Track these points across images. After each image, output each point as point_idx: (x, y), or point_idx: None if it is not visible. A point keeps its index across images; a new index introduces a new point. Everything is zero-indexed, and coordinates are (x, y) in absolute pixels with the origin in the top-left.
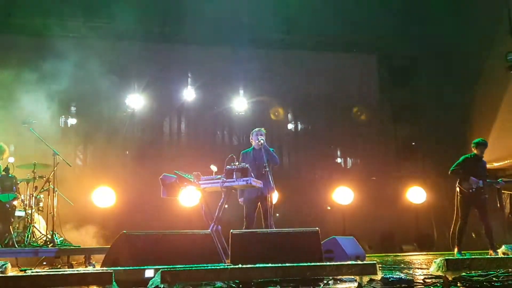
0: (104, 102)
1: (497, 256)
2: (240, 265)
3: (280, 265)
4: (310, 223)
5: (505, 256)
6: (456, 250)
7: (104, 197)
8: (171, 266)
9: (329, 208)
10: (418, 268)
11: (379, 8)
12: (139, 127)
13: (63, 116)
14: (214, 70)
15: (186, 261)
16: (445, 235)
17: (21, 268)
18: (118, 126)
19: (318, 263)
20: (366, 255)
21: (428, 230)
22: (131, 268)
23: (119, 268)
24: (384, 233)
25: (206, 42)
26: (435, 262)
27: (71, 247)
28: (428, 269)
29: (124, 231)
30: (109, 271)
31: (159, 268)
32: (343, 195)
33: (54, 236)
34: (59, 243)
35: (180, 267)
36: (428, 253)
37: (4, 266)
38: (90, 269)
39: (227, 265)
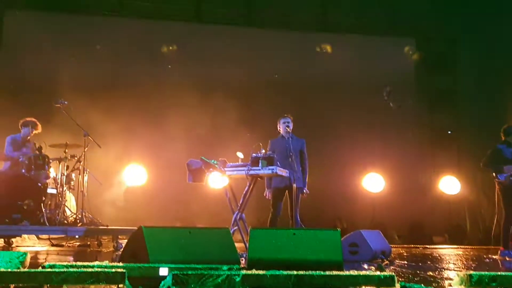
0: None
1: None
2: (253, 271)
3: (294, 273)
4: (339, 210)
5: None
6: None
7: (135, 175)
8: (185, 266)
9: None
10: (444, 269)
11: None
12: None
13: None
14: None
15: (203, 258)
16: (479, 228)
17: (52, 244)
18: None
19: (333, 273)
20: (394, 245)
21: (460, 222)
22: (145, 265)
23: (132, 265)
24: (414, 223)
25: None
26: (457, 275)
27: (99, 227)
28: (456, 266)
29: (142, 226)
30: (122, 270)
31: (174, 268)
32: (373, 182)
33: (83, 215)
34: (88, 222)
35: (193, 271)
36: (460, 246)
37: (23, 257)
38: (104, 264)
39: (240, 271)
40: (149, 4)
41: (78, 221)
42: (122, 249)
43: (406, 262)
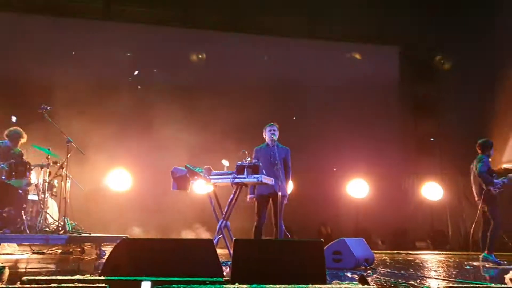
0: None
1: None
2: (236, 285)
3: (277, 286)
4: (323, 216)
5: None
6: (486, 252)
7: (120, 180)
8: (167, 279)
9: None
10: (426, 277)
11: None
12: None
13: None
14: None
15: (186, 270)
16: (460, 233)
17: (33, 252)
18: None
19: (316, 286)
20: (378, 251)
21: (442, 228)
22: (127, 278)
23: (114, 278)
24: (397, 228)
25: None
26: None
27: (82, 235)
28: (437, 273)
29: (125, 237)
30: (103, 285)
31: (156, 281)
32: (357, 188)
33: (66, 222)
34: (70, 229)
35: (175, 285)
36: (441, 252)
37: (1, 271)
38: (86, 278)
39: (223, 284)
40: (136, 9)
41: (60, 228)
42: (105, 257)
43: (389, 270)
